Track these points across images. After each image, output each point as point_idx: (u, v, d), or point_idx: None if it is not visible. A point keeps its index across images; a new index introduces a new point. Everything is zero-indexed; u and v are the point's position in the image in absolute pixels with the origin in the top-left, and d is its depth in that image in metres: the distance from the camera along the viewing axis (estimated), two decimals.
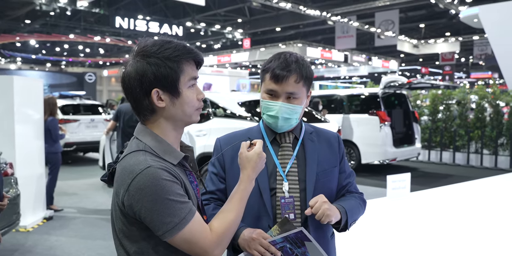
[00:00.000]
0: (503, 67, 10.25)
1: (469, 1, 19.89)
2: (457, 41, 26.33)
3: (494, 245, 3.51)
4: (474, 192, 5.64)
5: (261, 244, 1.41)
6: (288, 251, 1.42)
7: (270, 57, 1.62)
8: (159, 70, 1.19)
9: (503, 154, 10.04)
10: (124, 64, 1.27)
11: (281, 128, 1.59)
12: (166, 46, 1.22)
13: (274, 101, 1.55)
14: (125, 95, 1.27)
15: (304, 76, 1.55)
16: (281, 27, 25.83)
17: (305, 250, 1.42)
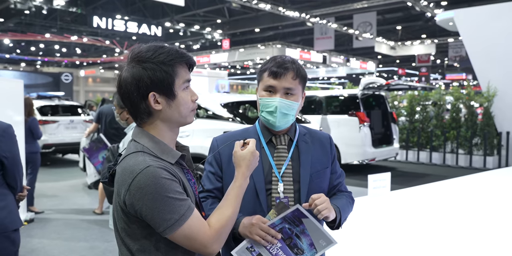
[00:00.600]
0: (477, 69, 10.53)
1: (444, 5, 20.37)
2: (433, 43, 26.88)
3: (471, 240, 3.64)
4: (451, 191, 5.80)
5: (261, 228, 1.47)
6: (287, 231, 1.49)
7: (266, 60, 1.69)
8: (155, 74, 1.24)
9: (477, 154, 10.32)
10: (119, 69, 1.32)
11: (279, 126, 1.64)
12: (160, 51, 1.27)
13: (273, 97, 1.62)
14: (122, 100, 1.31)
15: (300, 75, 1.64)
16: (260, 28, 25.90)
17: (303, 227, 1.49)
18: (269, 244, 1.48)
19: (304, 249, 1.49)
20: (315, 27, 24.07)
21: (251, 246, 1.48)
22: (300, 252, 1.49)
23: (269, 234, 1.47)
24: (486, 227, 4.04)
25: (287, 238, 1.49)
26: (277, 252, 1.47)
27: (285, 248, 1.48)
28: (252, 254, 1.47)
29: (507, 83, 9.83)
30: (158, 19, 22.75)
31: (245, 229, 1.49)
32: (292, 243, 1.49)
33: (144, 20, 21.36)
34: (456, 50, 25.29)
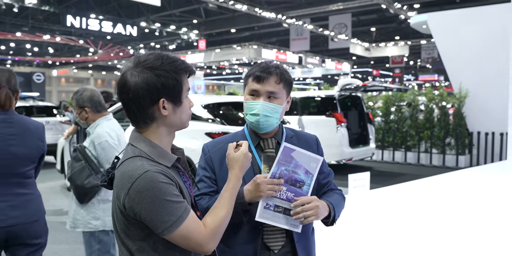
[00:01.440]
0: (449, 71, 10.82)
1: (417, 7, 20.84)
2: (406, 45, 27.44)
3: (450, 236, 3.77)
4: (428, 189, 5.97)
5: (267, 183, 1.56)
6: (285, 172, 1.60)
7: (252, 66, 1.76)
8: (167, 82, 1.31)
9: (450, 153, 10.61)
10: (123, 73, 1.35)
11: (262, 128, 1.69)
12: (169, 60, 1.34)
13: (256, 100, 1.68)
14: (127, 103, 1.34)
15: (284, 79, 1.70)
16: (236, 29, 25.94)
17: (295, 161, 1.61)
18: (278, 192, 1.58)
19: (303, 179, 1.62)
20: (291, 28, 24.25)
21: (266, 204, 1.58)
22: (302, 184, 1.63)
23: (274, 184, 1.57)
24: (463, 224, 4.18)
25: (288, 178, 1.61)
26: (286, 195, 1.60)
27: (290, 188, 1.61)
28: (270, 209, 1.59)
29: (478, 85, 10.14)
30: (133, 19, 22.52)
31: (253, 192, 1.57)
32: (293, 180, 1.61)
33: (119, 20, 21.10)
34: (429, 51, 25.88)
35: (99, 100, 2.93)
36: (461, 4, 19.75)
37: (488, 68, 9.80)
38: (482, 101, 10.16)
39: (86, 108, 2.88)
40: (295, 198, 1.60)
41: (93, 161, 2.77)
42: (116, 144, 2.82)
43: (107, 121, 2.92)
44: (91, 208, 2.79)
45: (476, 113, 10.36)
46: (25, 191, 2.35)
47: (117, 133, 2.90)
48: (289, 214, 1.58)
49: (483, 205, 4.93)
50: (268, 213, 1.58)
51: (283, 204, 1.59)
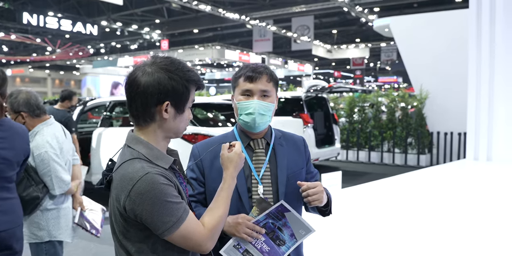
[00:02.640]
0: (410, 73, 11.18)
1: (377, 11, 21.41)
2: (367, 47, 28.11)
3: (420, 233, 3.90)
4: (396, 187, 6.14)
5: (247, 226, 1.55)
6: (270, 226, 1.58)
7: (239, 68, 1.78)
8: (177, 86, 1.33)
9: (412, 153, 10.97)
10: (136, 68, 1.36)
11: (258, 126, 1.71)
12: (186, 68, 1.36)
13: (250, 100, 1.70)
14: (133, 97, 1.34)
15: (273, 78, 1.75)
16: (199, 29, 25.81)
17: (285, 220, 1.59)
18: (254, 240, 1.56)
19: (286, 240, 1.60)
20: (254, 30, 24.36)
21: (237, 243, 1.55)
22: (282, 243, 1.59)
23: (254, 231, 1.56)
24: (433, 220, 4.34)
25: (270, 231, 1.59)
26: (261, 245, 1.57)
27: (268, 241, 1.58)
28: (239, 250, 1.55)
29: (438, 86, 10.52)
30: (94, 18, 22.01)
31: (231, 228, 1.55)
32: (274, 236, 1.59)
33: (79, 18, 20.57)
34: (388, 54, 26.61)
35: (37, 103, 2.68)
36: (419, 8, 20.46)
37: (447, 71, 10.20)
38: (441, 102, 10.55)
39: (22, 112, 2.64)
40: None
41: (32, 171, 2.59)
42: (57, 154, 2.63)
43: (48, 127, 2.71)
44: (34, 218, 2.65)
45: (436, 113, 10.76)
46: (10, 196, 2.26)
47: (60, 140, 2.70)
48: None
49: (448, 201, 5.12)
50: (235, 253, 1.55)
51: (255, 253, 1.56)
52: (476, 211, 4.71)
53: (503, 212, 4.60)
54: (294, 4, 20.45)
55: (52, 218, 2.68)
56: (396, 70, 29.11)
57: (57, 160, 2.62)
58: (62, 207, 2.75)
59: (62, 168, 2.66)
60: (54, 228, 2.69)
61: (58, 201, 2.73)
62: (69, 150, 2.84)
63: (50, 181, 2.61)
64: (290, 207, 1.60)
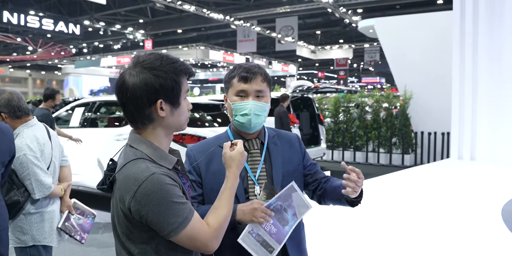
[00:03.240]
0: (395, 74, 11.31)
1: (360, 12, 21.60)
2: (350, 48, 28.31)
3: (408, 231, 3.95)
4: (385, 186, 6.20)
5: (263, 211, 1.57)
6: (278, 208, 1.61)
7: (231, 68, 1.77)
8: (166, 82, 1.29)
9: (396, 152, 11.09)
10: (122, 73, 1.34)
11: (254, 127, 1.70)
12: (169, 61, 1.32)
13: (245, 100, 1.69)
14: (125, 103, 1.32)
15: (267, 78, 1.74)
16: (183, 29, 25.68)
17: (291, 200, 1.62)
18: (265, 222, 1.59)
19: (289, 219, 1.63)
20: (238, 30, 24.33)
21: (251, 229, 1.58)
22: (286, 223, 1.63)
23: (267, 214, 1.58)
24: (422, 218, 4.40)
25: (277, 213, 1.62)
26: (270, 228, 1.60)
27: (275, 223, 1.61)
28: (253, 236, 1.58)
29: (422, 87, 10.66)
30: (76, 17, 21.71)
31: (248, 215, 1.56)
32: (280, 217, 1.62)
33: (61, 17, 20.28)
34: (371, 55, 26.85)
35: (19, 104, 2.60)
36: (401, 10, 20.68)
37: (431, 71, 10.33)
38: (425, 103, 10.69)
39: (3, 113, 2.57)
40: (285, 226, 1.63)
41: (14, 175, 2.51)
42: (37, 157, 2.55)
43: (29, 129, 2.62)
44: (18, 222, 2.58)
45: (420, 114, 10.89)
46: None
47: (41, 142, 2.63)
48: (265, 247, 1.59)
49: (436, 200, 5.20)
50: (250, 239, 1.58)
51: (264, 236, 1.60)
52: (463, 208, 4.78)
53: (488, 210, 4.68)
54: (278, 4, 20.50)
55: (35, 222, 2.61)
56: (379, 71, 29.40)
57: (36, 163, 2.55)
58: (47, 210, 2.68)
59: (43, 171, 2.59)
60: (38, 233, 2.62)
61: (42, 204, 2.66)
62: (55, 151, 2.78)
63: (30, 185, 2.54)
64: (298, 187, 1.63)
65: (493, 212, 4.58)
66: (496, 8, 7.79)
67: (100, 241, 4.79)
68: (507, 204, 4.89)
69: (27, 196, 2.57)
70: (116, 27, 23.93)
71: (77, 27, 20.05)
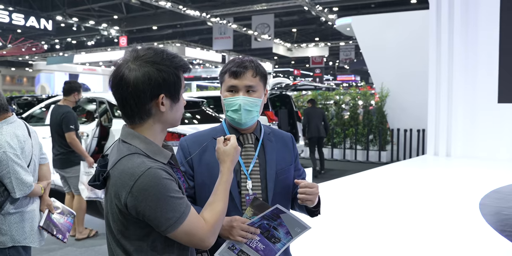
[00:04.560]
0: (372, 71, 11.47)
1: (336, 10, 21.77)
2: (326, 46, 28.52)
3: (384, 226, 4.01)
4: (365, 182, 6.28)
5: (242, 229, 1.52)
6: (265, 226, 1.56)
7: (226, 63, 1.75)
8: (168, 77, 1.28)
9: (373, 149, 11.25)
10: (119, 66, 1.30)
11: (245, 123, 1.69)
12: (169, 56, 1.31)
13: (235, 96, 1.67)
14: (125, 97, 1.29)
15: (260, 72, 1.71)
16: (158, 26, 25.39)
17: (281, 220, 1.57)
18: (250, 240, 1.55)
19: (281, 238, 1.58)
20: (214, 27, 24.18)
21: (232, 245, 1.54)
22: (277, 241, 1.58)
23: (249, 232, 1.53)
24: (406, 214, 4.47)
25: (265, 231, 1.57)
26: (256, 245, 1.55)
27: (263, 240, 1.56)
28: (234, 252, 1.54)
29: (398, 85, 10.84)
30: (48, 12, 21.19)
31: (225, 231, 1.53)
32: (270, 235, 1.58)
33: (32, 12, 19.76)
34: (347, 53, 27.10)
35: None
36: (376, 9, 20.96)
37: (407, 69, 10.52)
38: (401, 100, 10.88)
39: None
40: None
41: None
42: (17, 154, 2.48)
43: (8, 125, 2.54)
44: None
45: (396, 111, 11.07)
46: None
47: (21, 140, 2.56)
48: None
49: (416, 194, 5.29)
50: (230, 255, 1.55)
51: (249, 252, 1.56)
52: (443, 203, 4.88)
53: (467, 204, 4.80)
54: (254, 2, 20.47)
55: (15, 222, 2.53)
56: (354, 69, 29.63)
57: (17, 161, 2.46)
58: (27, 210, 2.60)
59: (23, 169, 2.51)
60: (17, 233, 2.53)
61: (22, 204, 2.57)
62: (35, 149, 2.70)
63: (10, 184, 2.46)
64: (285, 209, 1.57)
65: (471, 206, 4.69)
66: (471, 7, 7.98)
67: (79, 241, 4.71)
68: (484, 198, 5.03)
69: (7, 195, 2.48)
70: (89, 23, 23.47)
71: (49, 23, 19.57)
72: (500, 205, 4.78)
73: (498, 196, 5.17)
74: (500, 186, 5.68)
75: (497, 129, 7.84)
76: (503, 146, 7.79)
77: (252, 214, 1.57)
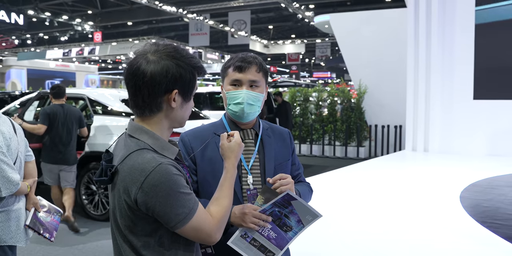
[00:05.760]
0: (350, 68, 11.61)
1: (312, 7, 21.91)
2: (303, 43, 28.68)
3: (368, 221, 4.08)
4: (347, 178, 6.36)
5: (254, 216, 1.55)
6: (277, 213, 1.59)
7: (229, 58, 1.78)
8: (185, 74, 1.30)
9: (351, 145, 11.40)
10: (137, 56, 1.31)
11: (247, 116, 1.71)
12: (189, 55, 1.33)
13: (239, 89, 1.70)
14: (139, 86, 1.28)
15: (263, 68, 1.75)
16: (133, 22, 25.03)
17: (292, 208, 1.59)
18: (261, 228, 1.57)
19: (293, 226, 1.61)
20: (190, 23, 23.99)
21: (244, 233, 1.56)
22: (289, 229, 1.60)
23: (261, 219, 1.56)
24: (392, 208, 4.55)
25: (277, 219, 1.59)
26: (268, 233, 1.58)
27: (275, 228, 1.59)
28: (247, 240, 1.56)
29: (376, 82, 11.01)
30: (19, 6, 20.61)
31: (237, 218, 1.55)
32: (281, 223, 1.60)
33: (2, 6, 19.18)
34: (323, 50, 27.32)
35: None
36: (352, 6, 21.18)
37: (385, 67, 10.69)
38: (379, 97, 11.05)
39: None
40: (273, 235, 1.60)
41: None
42: (3, 152, 2.42)
43: None
44: None
45: (374, 108, 11.25)
46: None
47: (6, 137, 2.49)
48: (263, 252, 1.57)
49: (397, 188, 5.40)
50: (243, 243, 1.56)
51: (261, 240, 1.58)
52: (424, 197, 5.00)
53: (448, 197, 4.93)
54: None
55: (0, 221, 2.46)
56: (330, 66, 29.97)
57: (3, 159, 2.40)
58: (13, 209, 2.54)
59: (10, 167, 2.45)
60: (3, 232, 2.47)
61: (8, 202, 2.51)
62: (21, 146, 2.63)
63: None
64: (297, 195, 1.60)
65: (452, 199, 4.82)
66: (448, 6, 8.16)
67: (61, 240, 4.62)
68: (464, 191, 5.18)
69: None
70: (63, 18, 22.95)
71: (20, 17, 19.01)
72: (479, 198, 4.94)
73: (476, 189, 5.33)
74: (477, 179, 5.86)
75: (472, 125, 8.07)
76: (479, 141, 8.03)
77: (263, 202, 1.60)
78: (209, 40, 24.56)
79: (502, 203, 4.71)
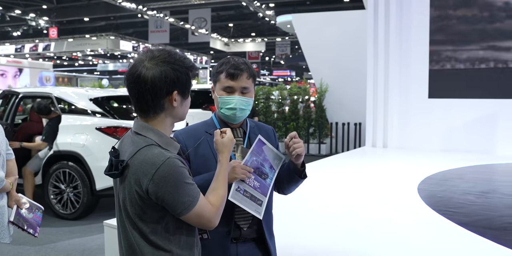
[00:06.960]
0: (311, 67, 11.93)
1: (272, 6, 22.19)
2: (263, 42, 28.95)
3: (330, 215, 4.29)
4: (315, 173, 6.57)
5: (242, 167, 1.74)
6: (255, 163, 1.80)
7: (219, 62, 1.91)
8: (182, 76, 1.47)
9: (313, 142, 11.72)
10: (135, 65, 1.46)
11: (238, 119, 1.88)
12: (181, 57, 1.50)
13: (232, 95, 1.84)
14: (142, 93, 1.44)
15: (252, 74, 1.90)
16: (91, 18, 24.48)
17: (264, 154, 1.82)
18: (248, 179, 1.77)
19: (268, 173, 1.84)
20: (150, 20, 23.72)
21: (238, 187, 1.76)
22: (266, 177, 1.83)
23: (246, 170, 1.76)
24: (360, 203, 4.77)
25: (256, 168, 1.80)
26: (253, 183, 1.79)
27: (257, 178, 1.81)
28: (241, 192, 1.76)
29: (336, 80, 11.36)
30: None
31: (230, 174, 1.71)
32: (260, 172, 1.82)
33: None
34: (282, 48, 27.71)
35: None
36: (311, 6, 21.60)
37: (345, 66, 11.04)
38: (339, 95, 11.41)
39: None
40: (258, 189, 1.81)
41: None
42: None
43: None
44: None
45: (334, 105, 11.60)
46: None
47: None
48: (254, 200, 1.78)
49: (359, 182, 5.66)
50: (238, 196, 1.76)
51: (251, 191, 1.79)
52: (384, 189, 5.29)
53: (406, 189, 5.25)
54: None
55: None
56: (290, 64, 30.42)
57: None
58: None
59: None
60: None
61: None
62: (2, 144, 2.67)
63: None
64: (265, 140, 1.83)
65: (411, 191, 5.14)
66: (404, 8, 8.56)
67: (31, 240, 4.59)
68: (421, 183, 5.51)
69: None
70: (15, 12, 22.15)
71: None
72: (434, 189, 5.29)
73: (432, 182, 5.69)
74: (433, 173, 6.22)
75: (427, 121, 8.50)
76: (433, 137, 8.47)
77: (241, 159, 1.81)
78: (169, 38, 24.37)
79: (454, 193, 5.11)
